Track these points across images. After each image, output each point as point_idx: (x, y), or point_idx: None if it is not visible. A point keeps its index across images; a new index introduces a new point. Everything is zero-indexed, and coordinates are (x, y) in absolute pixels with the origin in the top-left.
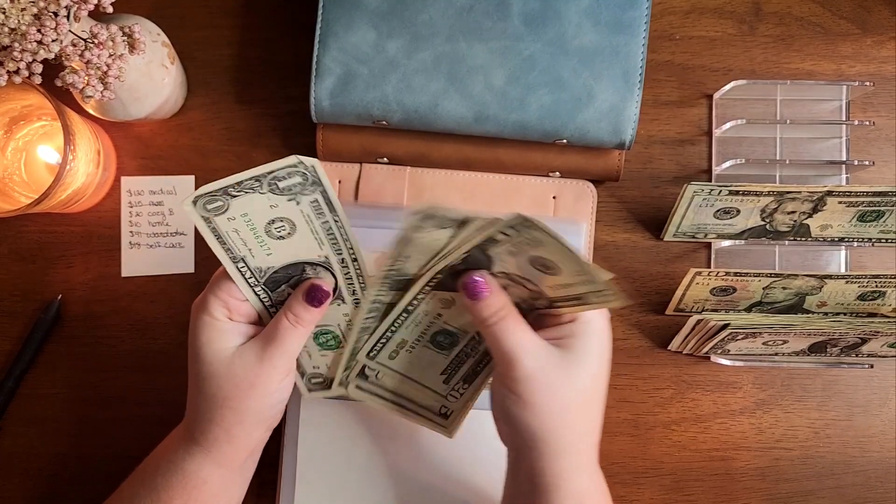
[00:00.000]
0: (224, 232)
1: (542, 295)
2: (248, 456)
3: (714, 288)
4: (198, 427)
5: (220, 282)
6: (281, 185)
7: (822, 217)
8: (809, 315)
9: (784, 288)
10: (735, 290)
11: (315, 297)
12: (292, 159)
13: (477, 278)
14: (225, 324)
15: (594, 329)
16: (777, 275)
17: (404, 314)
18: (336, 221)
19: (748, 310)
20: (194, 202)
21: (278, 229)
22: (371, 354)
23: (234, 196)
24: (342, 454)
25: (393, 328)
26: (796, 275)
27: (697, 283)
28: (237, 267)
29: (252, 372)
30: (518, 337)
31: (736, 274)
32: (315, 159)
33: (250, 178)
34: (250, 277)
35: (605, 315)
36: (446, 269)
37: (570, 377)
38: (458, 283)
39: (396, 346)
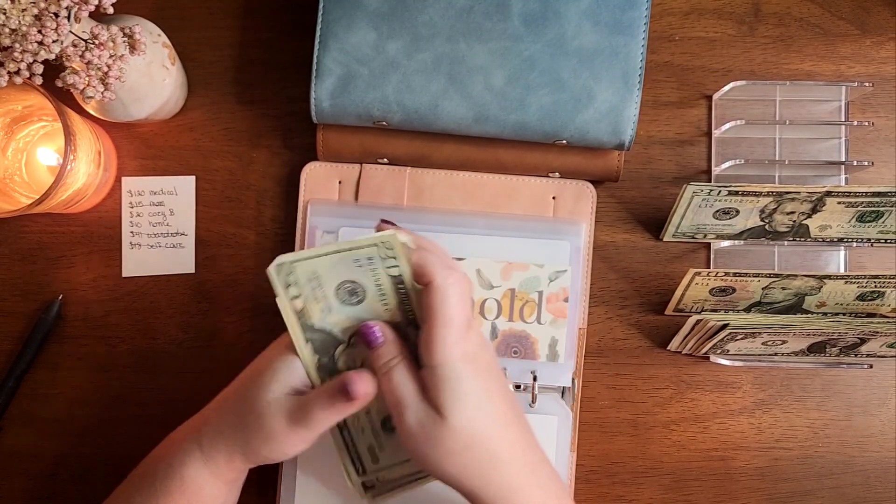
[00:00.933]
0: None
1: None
2: (239, 476)
3: (713, 288)
4: (208, 434)
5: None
6: (358, 258)
7: (822, 217)
8: (808, 315)
9: (783, 288)
10: (734, 290)
11: (345, 391)
12: (371, 240)
13: (370, 325)
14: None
15: (453, 371)
16: (776, 275)
17: (345, 431)
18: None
19: (747, 310)
20: (277, 271)
21: (349, 291)
22: (359, 473)
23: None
24: None
25: (350, 444)
26: (795, 275)
27: (697, 284)
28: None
29: (276, 429)
30: (401, 391)
31: (735, 274)
32: (398, 234)
33: (331, 253)
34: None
35: (468, 353)
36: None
37: (448, 429)
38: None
39: (368, 451)
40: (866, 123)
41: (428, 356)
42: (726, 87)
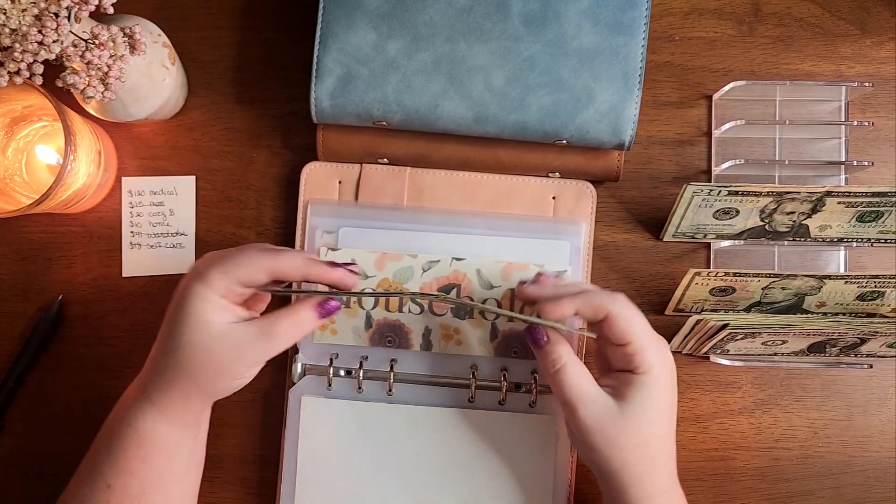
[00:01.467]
0: None
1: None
2: (199, 416)
3: (713, 288)
4: (155, 387)
5: (233, 265)
6: None
7: (822, 217)
8: (808, 315)
9: (783, 288)
10: (734, 290)
11: (325, 311)
12: None
13: (537, 327)
14: (220, 301)
15: (653, 378)
16: (776, 275)
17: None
18: None
19: (747, 310)
20: None
21: None
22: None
23: None
24: (342, 454)
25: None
26: (795, 275)
27: (697, 284)
28: None
29: (232, 355)
30: (576, 386)
31: (735, 274)
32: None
33: None
34: None
35: (666, 362)
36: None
37: (627, 426)
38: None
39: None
40: (866, 123)
41: (635, 366)
42: (726, 87)
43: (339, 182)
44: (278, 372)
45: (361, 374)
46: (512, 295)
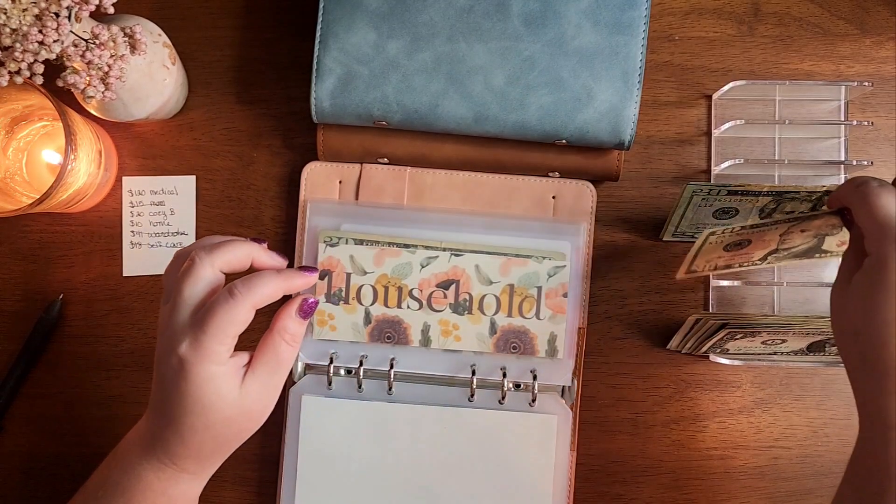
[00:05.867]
0: None
1: None
2: (214, 468)
3: (728, 244)
4: (167, 452)
5: (226, 323)
6: None
7: None
8: (808, 315)
9: (802, 230)
10: (750, 241)
11: (307, 311)
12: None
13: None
14: (227, 370)
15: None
16: (795, 219)
17: None
18: None
19: (763, 259)
20: None
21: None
22: None
23: None
24: (342, 453)
25: None
26: (816, 215)
27: (710, 243)
28: None
29: (261, 404)
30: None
31: (752, 227)
32: None
33: None
34: None
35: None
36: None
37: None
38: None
39: None
40: (866, 123)
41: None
42: (726, 87)
43: (340, 182)
44: None
45: (361, 373)
46: (511, 290)
